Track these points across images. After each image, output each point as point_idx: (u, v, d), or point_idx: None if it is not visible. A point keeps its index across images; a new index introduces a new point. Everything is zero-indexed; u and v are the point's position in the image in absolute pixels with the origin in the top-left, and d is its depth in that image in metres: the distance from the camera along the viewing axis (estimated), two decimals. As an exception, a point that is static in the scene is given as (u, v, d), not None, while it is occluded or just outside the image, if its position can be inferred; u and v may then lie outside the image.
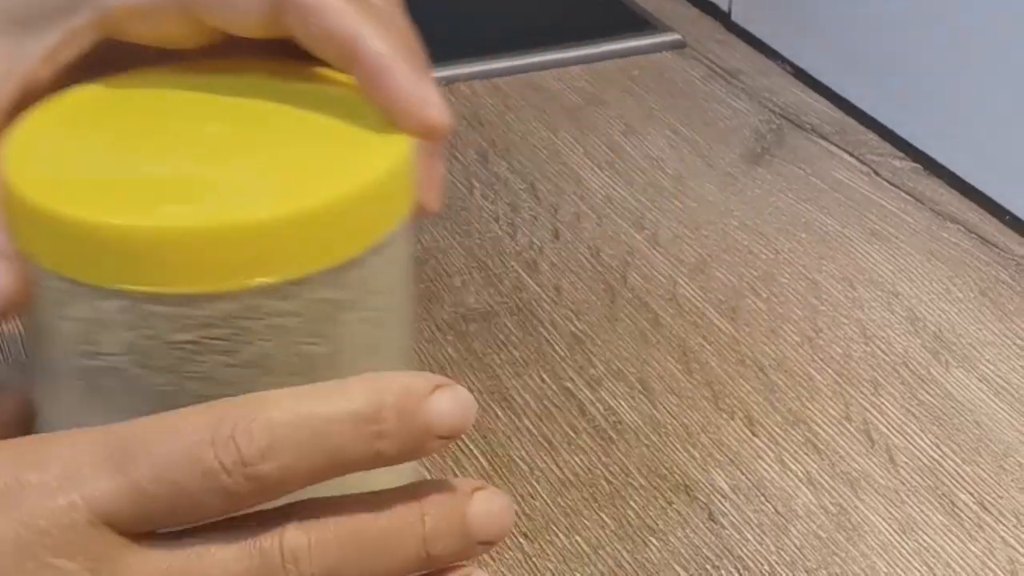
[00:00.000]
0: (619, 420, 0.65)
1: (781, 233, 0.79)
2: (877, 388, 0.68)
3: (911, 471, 0.63)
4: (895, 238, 0.79)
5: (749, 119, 0.91)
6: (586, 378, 0.68)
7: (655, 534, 0.59)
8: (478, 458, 0.63)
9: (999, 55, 0.80)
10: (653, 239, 0.78)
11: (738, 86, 0.95)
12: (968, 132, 0.83)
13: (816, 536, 0.59)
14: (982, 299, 0.74)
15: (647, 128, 0.90)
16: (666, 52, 0.99)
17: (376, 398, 0.38)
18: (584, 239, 0.78)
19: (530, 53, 0.98)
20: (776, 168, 0.85)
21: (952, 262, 0.77)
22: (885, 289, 0.75)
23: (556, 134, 0.89)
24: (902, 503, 0.61)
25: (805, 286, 0.75)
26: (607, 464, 0.63)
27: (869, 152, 0.87)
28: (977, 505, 0.61)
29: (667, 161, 0.86)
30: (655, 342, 0.70)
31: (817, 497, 0.61)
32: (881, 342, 0.71)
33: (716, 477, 0.62)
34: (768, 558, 0.58)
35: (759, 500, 0.61)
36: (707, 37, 1.01)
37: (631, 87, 0.95)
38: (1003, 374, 0.68)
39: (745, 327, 0.72)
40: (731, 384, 0.68)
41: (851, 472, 0.63)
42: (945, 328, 0.72)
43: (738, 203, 0.82)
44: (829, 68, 0.94)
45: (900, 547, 0.59)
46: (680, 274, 0.76)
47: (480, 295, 0.74)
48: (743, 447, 0.64)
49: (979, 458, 0.64)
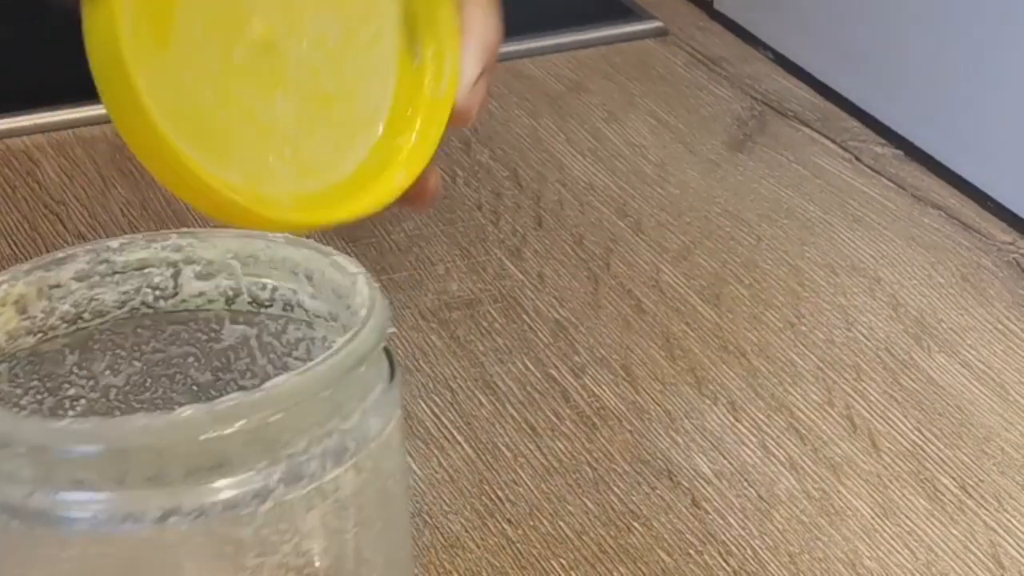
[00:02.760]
0: (602, 406, 0.65)
1: (763, 219, 0.79)
2: (859, 373, 0.68)
3: (893, 456, 0.63)
4: (877, 224, 0.79)
5: (731, 106, 0.91)
6: (570, 365, 0.68)
7: (638, 519, 0.59)
8: (462, 445, 0.63)
9: (981, 43, 0.80)
10: (636, 226, 0.79)
11: (720, 73, 0.95)
12: (949, 119, 0.84)
13: (799, 520, 0.60)
14: (963, 284, 0.74)
15: (629, 115, 0.90)
16: (648, 40, 0.99)
17: None
18: (567, 226, 0.79)
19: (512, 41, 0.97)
20: (758, 155, 0.85)
21: (934, 248, 0.77)
22: (867, 275, 0.75)
23: (538, 121, 0.89)
24: (884, 487, 0.61)
25: (787, 272, 0.75)
26: (591, 450, 0.63)
27: (851, 139, 0.87)
28: (959, 489, 0.61)
29: (650, 148, 0.86)
30: (638, 329, 0.71)
31: (800, 482, 0.61)
32: (863, 328, 0.71)
33: (699, 462, 0.62)
34: (751, 542, 0.58)
35: (742, 485, 0.61)
36: (689, 24, 1.01)
37: (613, 74, 0.95)
38: (984, 359, 0.69)
39: (728, 313, 0.72)
40: (714, 370, 0.68)
41: (834, 457, 0.63)
42: (927, 313, 0.72)
43: (721, 190, 0.82)
44: (811, 55, 0.94)
45: (882, 531, 0.59)
46: (663, 261, 0.76)
47: (463, 283, 0.74)
48: (726, 433, 0.64)
49: (961, 442, 0.64)
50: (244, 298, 0.42)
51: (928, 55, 0.85)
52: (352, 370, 0.36)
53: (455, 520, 0.59)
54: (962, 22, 0.81)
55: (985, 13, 0.80)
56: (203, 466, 0.34)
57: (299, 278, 0.42)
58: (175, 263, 0.42)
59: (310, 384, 0.35)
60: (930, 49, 0.84)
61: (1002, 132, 0.80)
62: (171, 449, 0.34)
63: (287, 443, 0.35)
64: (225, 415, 0.34)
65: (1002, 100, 0.79)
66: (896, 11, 0.87)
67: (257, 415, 0.34)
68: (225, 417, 0.34)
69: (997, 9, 0.79)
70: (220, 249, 0.42)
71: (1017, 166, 0.79)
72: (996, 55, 0.79)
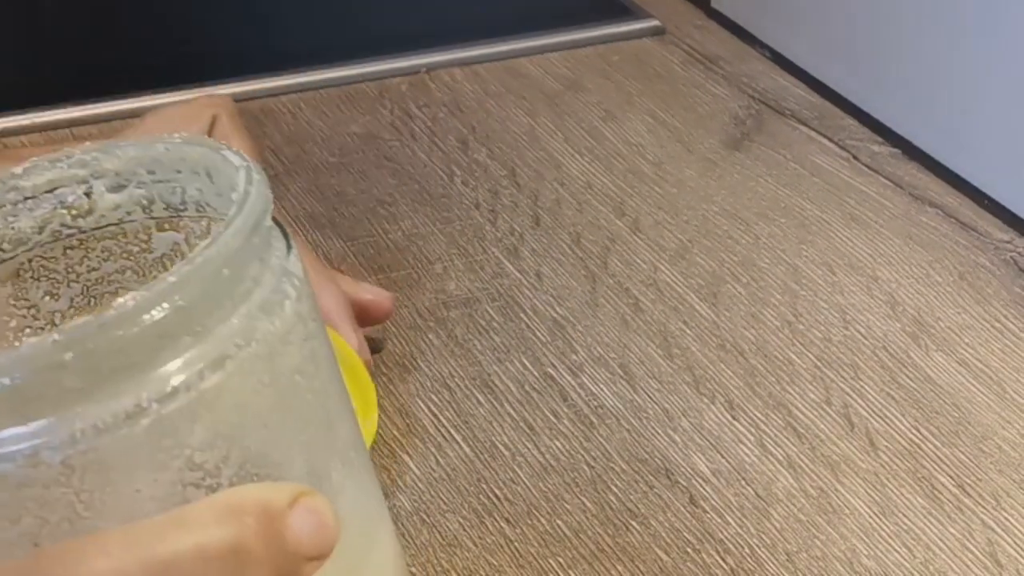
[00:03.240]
0: (600, 405, 0.66)
1: (761, 218, 0.79)
2: (857, 372, 0.68)
3: (891, 454, 0.63)
4: (874, 223, 0.79)
5: (729, 105, 0.91)
6: (567, 363, 0.68)
7: (636, 518, 0.59)
8: (460, 444, 0.63)
9: (978, 40, 0.80)
10: (634, 225, 0.79)
11: (717, 72, 0.95)
12: (947, 117, 0.84)
13: (797, 519, 0.60)
14: (961, 283, 0.74)
15: (627, 114, 0.90)
16: (646, 38, 0.99)
17: (233, 522, 0.32)
18: (565, 225, 0.79)
19: (510, 40, 0.98)
20: (756, 153, 0.86)
21: (931, 246, 0.77)
22: (864, 273, 0.75)
23: (536, 120, 0.89)
24: (882, 486, 0.61)
25: (785, 271, 0.75)
26: (588, 449, 0.63)
27: (848, 137, 0.87)
28: (956, 487, 0.61)
29: (647, 147, 0.86)
30: (636, 327, 0.71)
31: (798, 480, 0.61)
32: (861, 326, 0.71)
33: (697, 461, 0.63)
34: (749, 541, 0.58)
35: (740, 484, 0.61)
36: (686, 23, 1.01)
37: (611, 73, 0.95)
38: (982, 357, 0.69)
39: (725, 312, 0.72)
40: (712, 368, 0.68)
41: (831, 455, 0.63)
42: (924, 312, 0.72)
43: (718, 188, 0.82)
44: (808, 54, 0.94)
45: (880, 529, 0.59)
46: (661, 259, 0.76)
47: (461, 281, 0.74)
48: (724, 431, 0.64)
49: (958, 441, 0.64)
50: (159, 205, 0.41)
51: (925, 54, 0.85)
52: (232, 257, 0.34)
53: (453, 519, 0.59)
54: (960, 21, 0.82)
55: (983, 12, 0.80)
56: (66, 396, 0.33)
57: (201, 178, 0.41)
58: (84, 179, 0.41)
59: (185, 283, 0.33)
60: (927, 48, 0.84)
61: (999, 131, 0.80)
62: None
63: (162, 355, 0.33)
64: (67, 343, 0.32)
65: (999, 99, 0.79)
66: (893, 10, 0.87)
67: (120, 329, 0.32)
68: (68, 344, 0.32)
69: (995, 8, 0.79)
70: (124, 159, 0.41)
71: (1015, 164, 0.79)
72: (993, 54, 0.79)
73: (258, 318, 0.35)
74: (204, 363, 0.34)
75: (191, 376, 0.33)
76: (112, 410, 0.33)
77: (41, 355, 0.32)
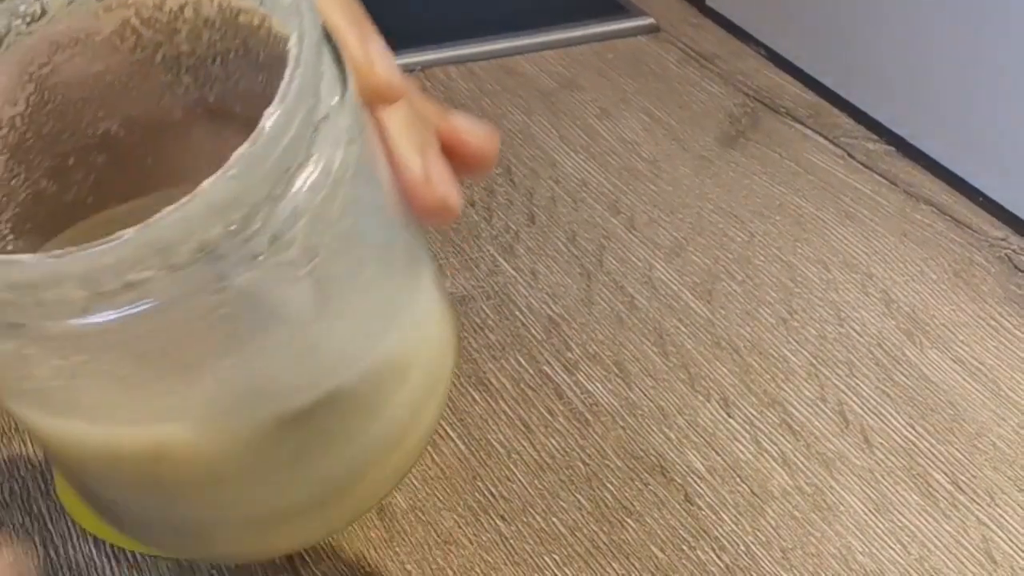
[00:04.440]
0: (595, 403, 0.66)
1: (756, 216, 0.79)
2: (852, 369, 0.68)
3: (886, 451, 0.63)
4: (869, 220, 0.79)
5: (724, 103, 0.91)
6: (563, 361, 0.68)
7: (632, 515, 0.60)
8: (455, 441, 0.63)
9: (972, 39, 0.80)
10: (629, 223, 0.79)
11: (713, 70, 0.95)
12: (941, 114, 0.84)
13: (792, 516, 0.60)
14: (956, 280, 0.74)
15: (622, 112, 0.90)
16: (641, 36, 0.99)
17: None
18: (560, 223, 0.79)
19: (505, 38, 0.98)
20: (751, 151, 0.86)
21: (926, 244, 0.77)
22: (859, 271, 0.75)
23: (531, 118, 0.89)
24: (877, 483, 0.61)
25: (780, 268, 0.75)
26: (584, 446, 0.63)
27: (843, 135, 0.87)
28: (951, 484, 0.61)
29: (642, 145, 0.86)
30: (631, 325, 0.71)
31: (792, 478, 0.62)
32: (855, 323, 0.71)
33: (692, 458, 0.63)
34: (744, 538, 0.58)
35: (735, 481, 0.61)
36: (681, 21, 1.01)
37: (606, 71, 0.95)
38: (977, 355, 0.69)
39: (720, 309, 0.72)
40: (707, 366, 0.68)
41: (826, 453, 0.63)
42: (919, 309, 0.72)
43: (713, 186, 0.82)
44: (803, 52, 0.94)
45: (875, 526, 0.59)
46: (656, 257, 0.76)
47: (456, 279, 0.74)
48: (719, 428, 0.64)
49: (953, 438, 0.64)
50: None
51: (919, 51, 0.85)
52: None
53: (448, 516, 0.59)
54: (953, 19, 0.82)
55: (975, 9, 0.80)
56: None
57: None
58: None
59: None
60: (921, 45, 0.84)
61: (994, 128, 0.80)
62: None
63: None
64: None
65: (994, 96, 0.79)
66: (888, 8, 0.87)
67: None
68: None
69: (990, 6, 0.79)
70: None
71: (1008, 162, 0.79)
72: (988, 51, 0.79)
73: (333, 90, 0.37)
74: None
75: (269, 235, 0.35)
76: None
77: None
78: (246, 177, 0.34)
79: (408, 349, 0.41)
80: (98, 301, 0.34)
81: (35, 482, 0.61)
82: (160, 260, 0.34)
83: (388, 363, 0.40)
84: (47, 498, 0.60)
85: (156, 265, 0.34)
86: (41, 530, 0.58)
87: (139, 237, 0.33)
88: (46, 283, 0.34)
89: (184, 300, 0.34)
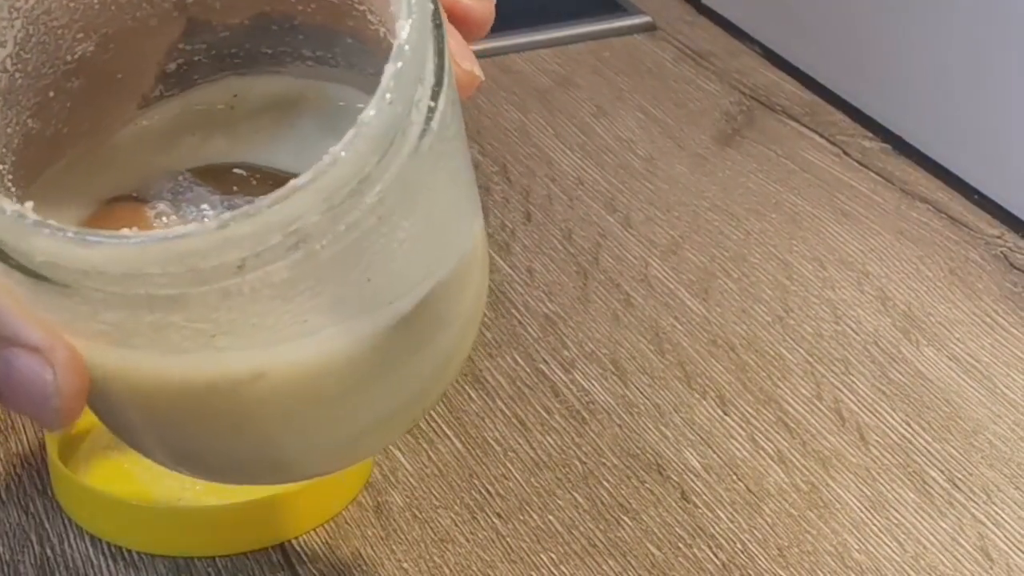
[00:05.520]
0: (592, 401, 0.66)
1: (752, 214, 0.79)
2: (848, 367, 0.68)
3: (882, 449, 0.63)
4: (865, 218, 0.79)
5: (720, 100, 0.91)
6: (559, 359, 0.68)
7: (628, 513, 0.60)
8: (452, 439, 0.63)
9: (969, 37, 0.81)
10: (625, 220, 0.79)
11: (708, 68, 0.95)
12: (937, 112, 0.84)
13: (788, 514, 0.60)
14: (951, 278, 0.74)
15: (618, 110, 0.90)
16: (636, 34, 0.99)
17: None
18: (556, 221, 0.79)
19: (500, 35, 0.98)
20: (747, 149, 0.86)
21: (922, 242, 0.77)
22: (855, 269, 0.75)
23: (527, 116, 0.89)
24: (873, 481, 0.61)
25: (776, 266, 0.75)
26: (580, 444, 0.63)
27: (839, 133, 0.87)
28: (947, 482, 0.61)
29: (638, 143, 0.86)
30: (627, 323, 0.71)
31: (789, 475, 0.62)
32: (851, 321, 0.71)
33: (688, 456, 0.63)
34: (740, 536, 0.59)
35: (731, 479, 0.61)
36: (677, 19, 1.01)
37: (602, 69, 0.95)
38: (973, 352, 0.69)
39: (717, 307, 0.72)
40: (703, 364, 0.68)
41: (822, 450, 0.63)
42: (915, 307, 0.72)
43: (709, 184, 0.82)
44: (799, 49, 0.94)
45: (871, 524, 0.59)
46: (652, 255, 0.76)
47: (452, 277, 0.74)
48: (715, 426, 0.64)
49: (949, 436, 0.64)
50: None
51: (916, 49, 0.85)
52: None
53: (445, 514, 0.59)
54: (950, 16, 0.82)
55: (974, 8, 0.80)
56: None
57: None
58: None
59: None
60: (918, 43, 0.84)
61: (990, 126, 0.80)
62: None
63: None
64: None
65: (990, 94, 0.80)
66: (884, 5, 0.87)
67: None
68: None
69: (987, 4, 0.79)
70: None
71: (1005, 160, 0.79)
72: (984, 49, 0.79)
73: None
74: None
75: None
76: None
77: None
78: (400, 96, 0.34)
79: (476, 249, 0.42)
80: (254, 259, 0.33)
81: (31, 480, 0.61)
82: (325, 205, 0.33)
83: (466, 261, 0.41)
84: (44, 496, 0.60)
85: (319, 210, 0.33)
86: (38, 528, 0.58)
87: (311, 186, 0.33)
88: (213, 253, 0.33)
89: (340, 234, 0.34)
